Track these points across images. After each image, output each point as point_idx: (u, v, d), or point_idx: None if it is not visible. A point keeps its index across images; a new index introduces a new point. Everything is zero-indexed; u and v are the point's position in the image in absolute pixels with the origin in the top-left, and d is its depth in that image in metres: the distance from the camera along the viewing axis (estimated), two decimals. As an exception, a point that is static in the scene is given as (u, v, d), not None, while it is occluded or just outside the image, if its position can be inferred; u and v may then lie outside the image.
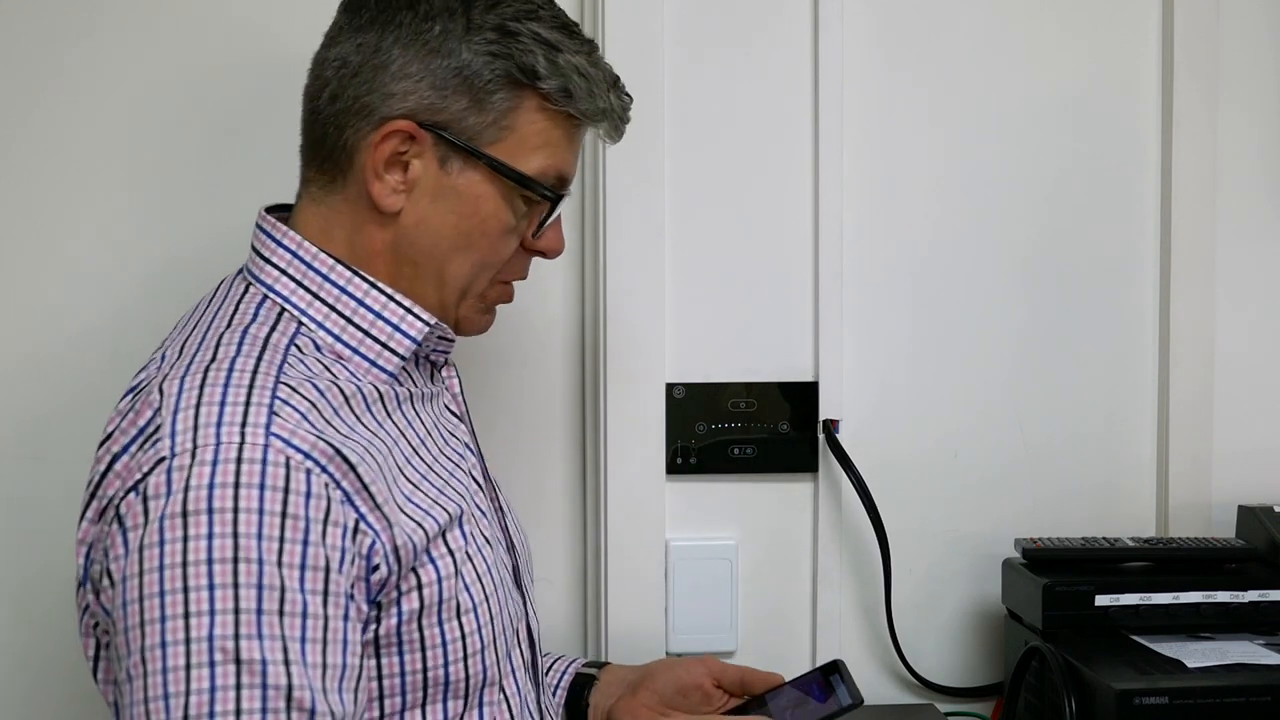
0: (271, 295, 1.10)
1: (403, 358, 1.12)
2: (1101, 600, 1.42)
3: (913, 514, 1.58)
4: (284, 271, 1.11)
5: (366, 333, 1.11)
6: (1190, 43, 1.58)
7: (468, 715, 1.08)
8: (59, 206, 1.49)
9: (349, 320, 1.10)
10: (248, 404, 0.98)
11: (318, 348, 1.08)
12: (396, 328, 1.11)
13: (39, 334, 1.50)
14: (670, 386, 1.54)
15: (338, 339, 1.10)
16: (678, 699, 1.33)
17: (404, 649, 1.03)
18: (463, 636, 1.06)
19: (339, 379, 1.06)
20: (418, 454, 1.11)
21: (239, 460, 0.94)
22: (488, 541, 1.12)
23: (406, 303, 1.12)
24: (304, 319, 1.09)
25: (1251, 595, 1.43)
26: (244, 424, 0.96)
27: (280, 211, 1.17)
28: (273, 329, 1.07)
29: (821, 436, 1.56)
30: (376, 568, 1.00)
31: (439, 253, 1.12)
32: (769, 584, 1.57)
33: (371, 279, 1.11)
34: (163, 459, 0.95)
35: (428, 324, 1.13)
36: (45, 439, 1.49)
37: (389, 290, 1.11)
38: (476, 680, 1.08)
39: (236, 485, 0.94)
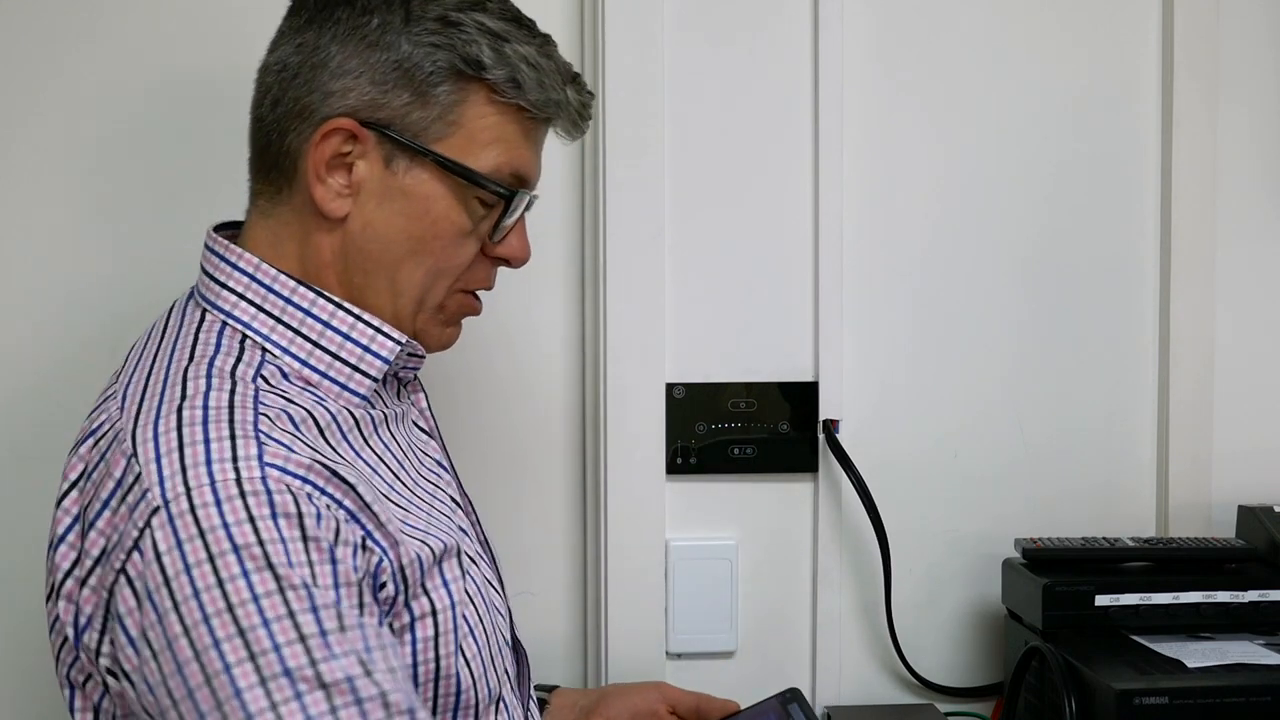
0: (231, 322, 1.05)
1: (375, 379, 1.08)
2: (1101, 600, 1.42)
3: (913, 514, 1.58)
4: (242, 296, 1.06)
5: (335, 356, 1.06)
6: (1190, 43, 1.58)
7: None
8: (45, 211, 1.49)
9: (315, 344, 1.06)
10: (233, 438, 0.94)
11: (285, 375, 1.04)
12: (366, 349, 1.07)
13: (22, 335, 1.50)
14: (670, 386, 1.54)
15: (305, 364, 1.05)
16: None
17: (419, 677, 1.01)
18: (467, 662, 1.04)
19: (312, 407, 1.02)
20: (399, 479, 1.08)
21: (242, 494, 0.91)
22: (474, 561, 1.10)
23: (375, 321, 1.07)
24: (267, 345, 1.04)
25: (1251, 595, 1.43)
26: (234, 458, 0.92)
27: (229, 229, 1.12)
28: (238, 360, 1.02)
29: (821, 436, 1.56)
30: (384, 585, 0.97)
31: (389, 259, 1.07)
32: (769, 584, 1.57)
33: (337, 299, 1.06)
34: (156, 509, 0.91)
35: (399, 343, 1.08)
36: (31, 441, 1.49)
37: (355, 309, 1.07)
38: (483, 702, 1.07)
39: (251, 520, 0.90)
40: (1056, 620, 1.42)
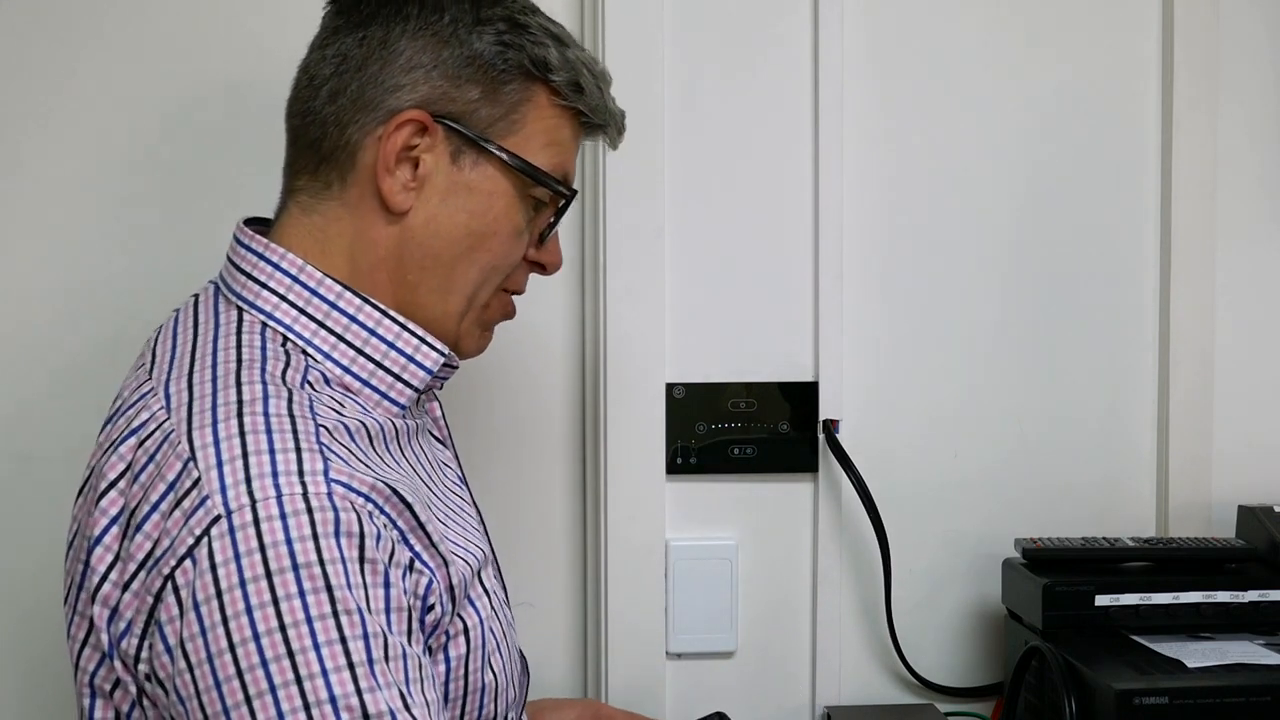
0: (271, 324, 1.03)
1: (417, 390, 1.07)
2: (1101, 600, 1.42)
3: (913, 514, 1.58)
4: (283, 298, 1.03)
5: (379, 364, 1.05)
6: (1190, 43, 1.58)
7: None
8: (49, 211, 1.49)
9: (359, 351, 1.04)
10: (298, 450, 0.91)
11: (326, 381, 1.02)
12: (410, 358, 1.06)
13: (29, 334, 1.50)
14: (670, 386, 1.54)
15: (346, 370, 1.03)
16: None
17: (451, 693, 1.01)
18: (495, 676, 1.04)
19: (362, 417, 1.00)
20: (433, 492, 1.07)
21: (309, 510, 0.89)
22: (494, 576, 1.11)
23: (420, 332, 1.06)
24: (309, 349, 1.02)
25: (1251, 595, 1.43)
26: (300, 472, 0.90)
27: (256, 225, 1.10)
28: (286, 365, 0.99)
29: (821, 436, 1.56)
30: (431, 607, 0.96)
31: (448, 255, 1.06)
32: (769, 584, 1.57)
33: (383, 307, 1.05)
34: (217, 517, 0.88)
35: (442, 354, 1.07)
36: (33, 436, 1.49)
37: (400, 319, 1.05)
38: (501, 713, 1.07)
39: (315, 537, 0.88)
40: (1056, 620, 1.42)
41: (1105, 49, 1.59)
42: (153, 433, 0.95)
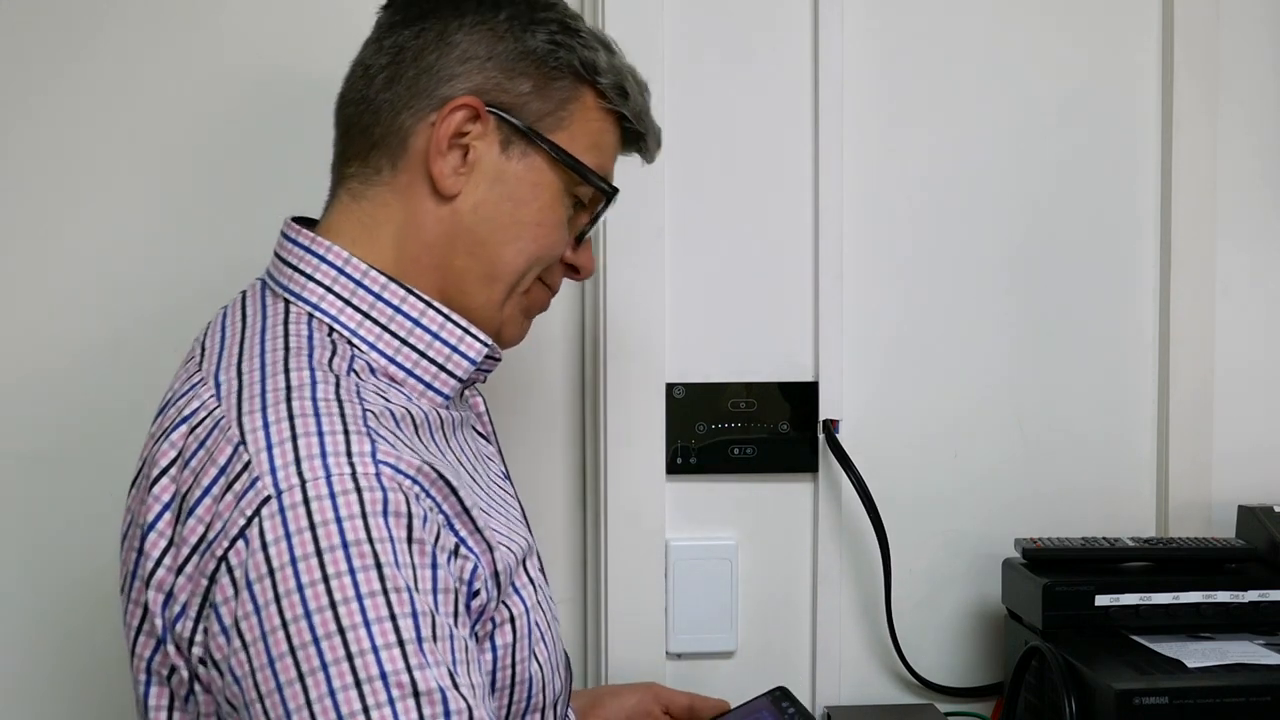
0: (318, 315, 1.05)
1: (460, 380, 1.08)
2: (1101, 600, 1.42)
3: (913, 514, 1.58)
4: (329, 289, 1.05)
5: (423, 354, 1.06)
6: (1190, 43, 1.58)
7: None
8: (64, 210, 1.50)
9: (404, 341, 1.06)
10: (346, 432, 0.93)
11: (371, 370, 1.03)
12: (455, 349, 1.08)
13: (43, 336, 1.50)
14: (670, 386, 1.54)
15: (391, 360, 1.05)
16: None
17: (497, 682, 1.01)
18: (540, 666, 1.05)
19: (407, 405, 1.02)
20: (475, 482, 1.08)
21: (357, 490, 0.90)
22: (539, 568, 1.12)
23: (464, 323, 1.08)
24: (354, 339, 1.04)
25: (1251, 595, 1.43)
26: (349, 453, 0.92)
27: (303, 223, 1.12)
28: (332, 354, 1.01)
29: (821, 436, 1.56)
30: (477, 593, 0.97)
31: (494, 241, 1.08)
32: (769, 584, 1.57)
33: (428, 299, 1.07)
34: (268, 498, 0.90)
35: (485, 344, 1.09)
36: (48, 440, 1.50)
37: (445, 310, 1.07)
38: (548, 703, 1.07)
39: (364, 515, 0.90)
40: (1056, 620, 1.42)
41: (1105, 49, 1.59)
42: (203, 420, 0.97)
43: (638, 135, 1.16)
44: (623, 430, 1.52)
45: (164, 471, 0.96)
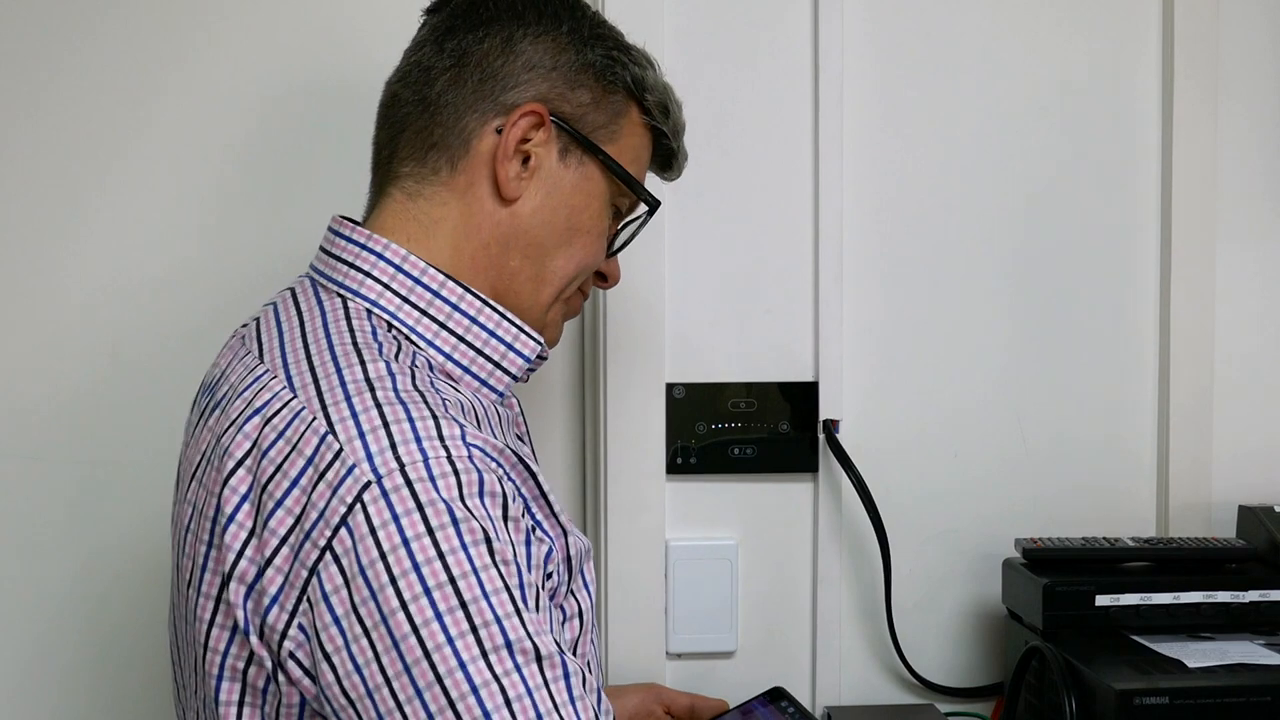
0: (376, 311, 1.06)
1: (515, 377, 1.11)
2: (1102, 600, 1.42)
3: (913, 514, 1.58)
4: (387, 286, 1.07)
5: (479, 351, 1.08)
6: (1190, 43, 1.58)
7: None
8: (72, 210, 1.50)
9: (461, 339, 1.08)
10: (435, 417, 0.95)
11: (430, 367, 1.04)
12: (510, 346, 1.10)
13: (44, 335, 1.50)
14: (670, 386, 1.54)
15: (449, 358, 1.07)
16: None
17: None
18: (590, 666, 1.06)
19: (471, 398, 1.03)
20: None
21: (455, 472, 0.92)
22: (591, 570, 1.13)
23: (518, 322, 1.10)
24: (412, 336, 1.06)
25: (1251, 595, 1.43)
26: (440, 436, 0.94)
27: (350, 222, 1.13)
28: (398, 349, 1.03)
29: (821, 436, 1.56)
30: (550, 575, 0.99)
31: (549, 245, 1.11)
32: (769, 584, 1.57)
33: (484, 297, 1.09)
34: (367, 484, 0.91)
35: (539, 343, 1.12)
36: (43, 438, 1.50)
37: (500, 308, 1.09)
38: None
39: (463, 495, 0.92)
40: (1056, 620, 1.42)
41: (1106, 49, 1.59)
42: (279, 411, 0.97)
43: (670, 153, 1.21)
44: (623, 430, 1.52)
45: (239, 463, 0.96)
